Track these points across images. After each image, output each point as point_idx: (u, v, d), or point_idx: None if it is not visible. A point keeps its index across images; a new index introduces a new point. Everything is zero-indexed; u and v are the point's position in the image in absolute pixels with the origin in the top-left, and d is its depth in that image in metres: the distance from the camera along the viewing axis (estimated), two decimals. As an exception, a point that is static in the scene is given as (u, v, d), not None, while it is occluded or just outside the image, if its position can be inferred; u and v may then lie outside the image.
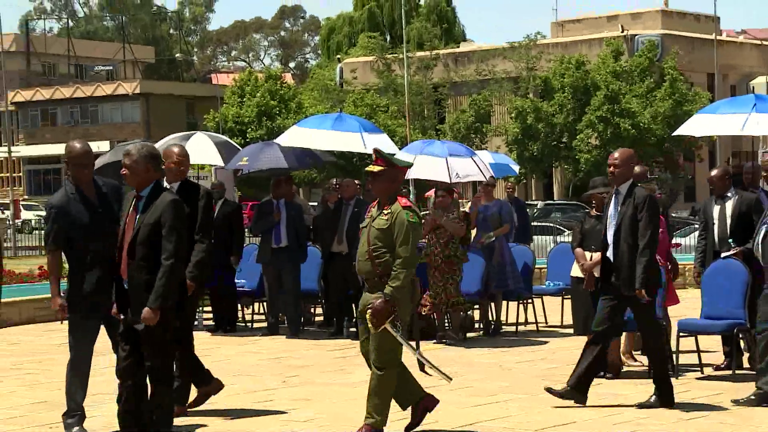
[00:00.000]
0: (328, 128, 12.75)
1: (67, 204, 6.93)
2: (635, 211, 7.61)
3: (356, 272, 7.02)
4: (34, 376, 9.64)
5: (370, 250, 6.69)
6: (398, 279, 6.59)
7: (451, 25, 65.91)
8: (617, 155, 7.79)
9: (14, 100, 63.99)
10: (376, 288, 6.70)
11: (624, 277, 7.63)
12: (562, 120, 42.68)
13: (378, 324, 6.57)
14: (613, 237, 7.70)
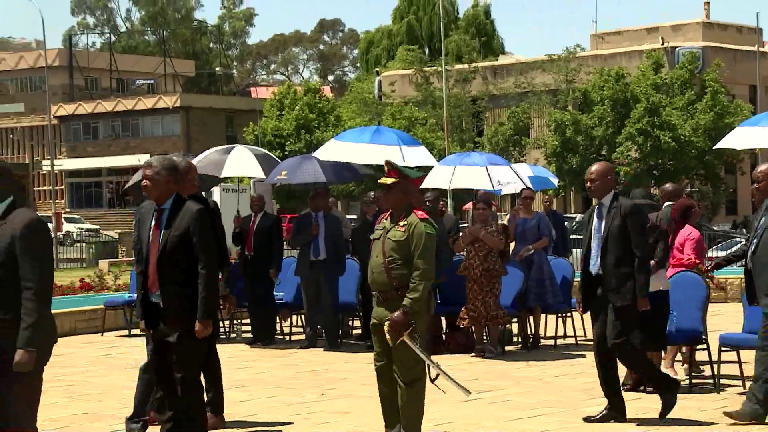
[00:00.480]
0: (366, 141, 12.78)
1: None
2: (623, 221, 7.56)
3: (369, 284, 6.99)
4: (75, 387, 9.72)
5: (386, 262, 6.67)
6: (417, 291, 6.57)
7: (489, 38, 65.90)
8: (593, 169, 7.77)
9: (57, 114, 64.77)
10: (390, 300, 6.68)
11: (614, 288, 7.55)
12: (601, 132, 42.46)
13: (396, 336, 6.56)
14: (600, 249, 7.63)
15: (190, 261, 6.27)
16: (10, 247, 5.04)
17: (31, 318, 4.99)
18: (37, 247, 5.08)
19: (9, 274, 5.04)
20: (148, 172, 6.43)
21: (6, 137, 70.47)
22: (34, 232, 5.09)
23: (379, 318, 6.74)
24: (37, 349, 5.02)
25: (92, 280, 18.00)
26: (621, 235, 7.53)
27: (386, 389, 6.83)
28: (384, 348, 6.76)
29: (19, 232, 5.05)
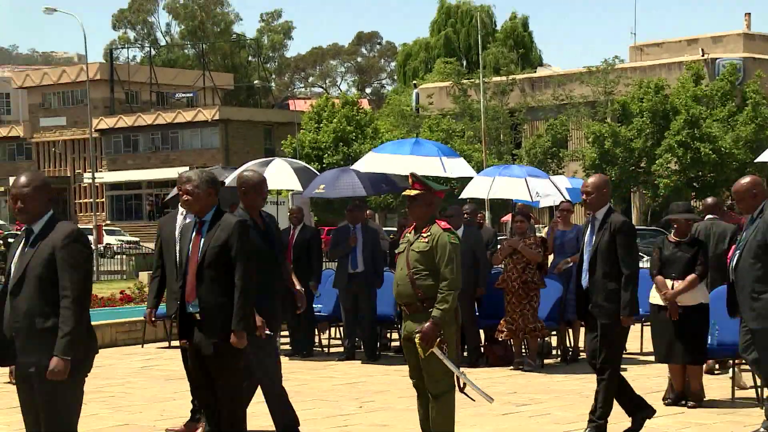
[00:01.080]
0: (407, 153, 12.80)
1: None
2: (612, 237, 7.50)
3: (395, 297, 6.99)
4: (116, 399, 9.79)
5: (410, 273, 6.66)
6: (446, 301, 6.55)
7: (528, 50, 65.77)
8: (589, 182, 7.72)
9: (98, 127, 65.47)
10: (417, 312, 6.67)
11: (600, 304, 7.50)
12: (640, 144, 42.19)
13: (427, 348, 6.55)
14: (588, 263, 7.59)
15: (229, 273, 6.31)
16: (51, 258, 5.16)
17: (68, 326, 5.10)
18: (77, 258, 5.20)
19: (50, 284, 5.15)
20: (188, 187, 6.48)
21: (48, 150, 71.32)
22: (74, 242, 5.22)
23: (409, 332, 6.74)
24: (74, 359, 5.09)
25: (132, 291, 18.14)
26: (609, 250, 7.48)
27: (423, 404, 6.83)
28: (415, 363, 6.76)
29: (59, 243, 5.18)
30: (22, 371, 5.19)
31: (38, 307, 5.14)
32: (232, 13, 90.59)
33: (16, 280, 5.19)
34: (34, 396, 5.19)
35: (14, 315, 5.16)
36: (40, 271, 5.15)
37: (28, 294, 5.15)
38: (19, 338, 5.15)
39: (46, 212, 5.34)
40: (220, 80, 76.20)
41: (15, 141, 72.71)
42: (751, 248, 7.17)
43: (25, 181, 5.36)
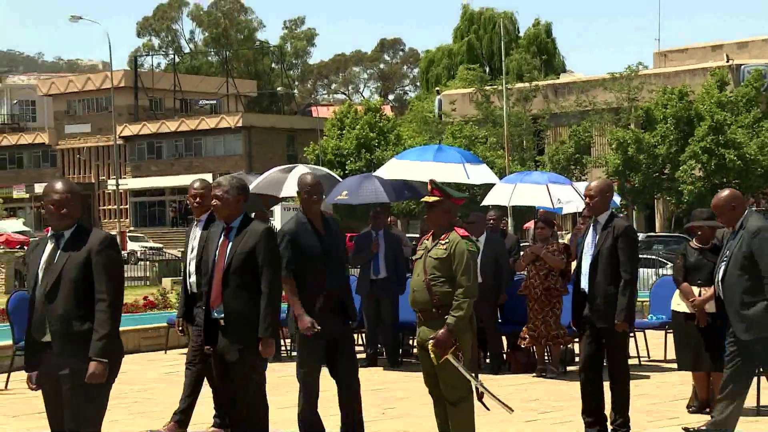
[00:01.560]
0: (430, 159, 12.79)
1: (297, 233, 7.24)
2: (614, 242, 7.48)
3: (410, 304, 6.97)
4: (139, 405, 9.82)
5: (427, 279, 6.66)
6: (461, 309, 6.54)
7: (551, 57, 65.65)
8: (593, 186, 7.72)
9: (122, 134, 65.85)
10: (432, 319, 6.66)
11: (600, 309, 7.48)
12: (664, 151, 42.01)
13: (441, 355, 6.54)
14: (589, 268, 7.57)
15: (255, 280, 6.32)
16: (86, 262, 5.23)
17: (104, 329, 5.17)
18: (113, 263, 5.31)
19: (85, 288, 5.22)
20: (217, 192, 6.50)
21: (73, 157, 71.78)
22: (110, 248, 5.31)
23: (423, 339, 6.73)
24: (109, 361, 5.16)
25: (156, 298, 18.19)
26: (611, 255, 7.48)
27: (441, 412, 6.82)
28: (430, 370, 6.74)
29: (96, 247, 5.26)
30: (53, 373, 5.22)
31: (74, 310, 5.20)
32: (256, 21, 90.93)
33: (51, 285, 5.23)
34: (61, 398, 5.21)
35: (49, 318, 5.21)
36: (76, 275, 5.22)
37: (63, 298, 5.21)
38: (55, 341, 5.20)
39: (75, 218, 5.43)
40: (244, 87, 76.48)
41: (40, 148, 73.23)
42: (737, 260, 7.15)
43: (64, 187, 5.43)
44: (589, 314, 7.58)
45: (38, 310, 5.28)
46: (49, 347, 5.23)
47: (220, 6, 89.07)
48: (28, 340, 5.33)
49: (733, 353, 7.22)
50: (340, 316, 7.33)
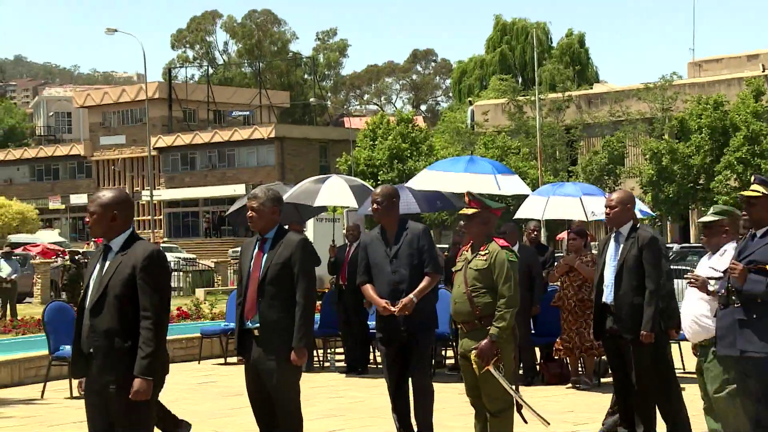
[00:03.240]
0: (461, 171, 12.77)
1: (369, 243, 7.74)
2: (639, 252, 7.46)
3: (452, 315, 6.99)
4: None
5: (468, 291, 6.67)
6: (504, 319, 6.55)
7: (584, 67, 65.47)
8: (614, 197, 7.75)
9: (156, 145, 66.34)
10: (473, 331, 6.66)
11: (625, 320, 7.45)
12: (699, 161, 41.72)
13: (483, 365, 6.53)
14: (614, 278, 7.54)
15: (290, 290, 6.34)
16: (131, 278, 5.16)
17: (149, 347, 5.11)
18: (158, 279, 5.20)
19: (129, 304, 5.16)
20: (254, 204, 6.54)
21: (108, 168, 72.38)
22: (155, 263, 5.21)
23: (465, 349, 6.72)
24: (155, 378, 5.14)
25: (189, 308, 18.29)
26: (636, 265, 7.47)
27: (480, 422, 6.83)
28: (472, 381, 6.74)
29: (140, 263, 5.17)
30: (98, 388, 5.21)
31: (118, 326, 5.13)
32: (289, 32, 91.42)
33: (96, 299, 5.18)
34: (106, 412, 5.21)
35: (94, 333, 5.17)
36: (120, 291, 5.14)
37: (108, 313, 5.14)
38: (98, 356, 5.17)
39: (124, 229, 5.33)
40: (277, 98, 76.84)
41: (76, 159, 73.93)
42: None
43: (101, 198, 5.35)
44: (613, 326, 7.55)
45: (84, 323, 5.26)
46: (92, 359, 5.22)
47: (254, 18, 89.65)
48: (74, 348, 5.31)
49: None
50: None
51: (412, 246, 7.61)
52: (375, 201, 7.74)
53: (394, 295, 7.57)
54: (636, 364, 7.50)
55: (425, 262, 7.62)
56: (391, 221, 7.72)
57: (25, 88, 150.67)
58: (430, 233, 7.83)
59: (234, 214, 15.39)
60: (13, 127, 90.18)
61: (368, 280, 7.76)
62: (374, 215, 7.80)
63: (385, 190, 7.83)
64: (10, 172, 75.87)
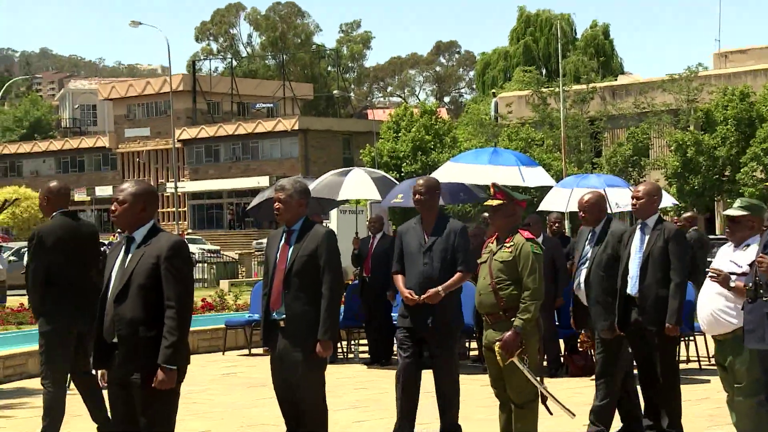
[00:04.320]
0: (485, 163, 12.76)
1: (406, 232, 7.75)
2: (665, 244, 7.44)
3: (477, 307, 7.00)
4: (198, 406, 9.91)
5: (493, 283, 6.67)
6: (528, 311, 6.55)
7: (608, 58, 65.12)
8: (640, 189, 7.74)
9: (180, 137, 66.55)
10: (498, 323, 6.66)
11: (650, 312, 7.43)
12: (724, 153, 41.45)
13: (507, 357, 6.53)
14: (639, 270, 7.51)
15: (316, 283, 6.36)
16: (155, 268, 5.19)
17: (173, 337, 5.14)
18: (182, 269, 5.24)
19: (153, 294, 5.19)
20: (281, 195, 6.56)
21: (133, 160, 72.73)
22: (179, 253, 5.25)
23: (489, 341, 6.73)
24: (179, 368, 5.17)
25: (214, 300, 18.37)
26: (662, 257, 7.45)
27: (504, 414, 6.84)
28: (497, 373, 6.75)
29: (165, 253, 5.20)
30: (122, 377, 5.25)
31: (142, 316, 5.16)
32: (312, 24, 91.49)
33: (120, 289, 5.22)
34: (130, 402, 5.25)
35: (118, 323, 5.20)
36: (144, 281, 5.17)
37: (131, 303, 5.18)
38: (122, 346, 5.20)
39: (147, 221, 5.36)
40: (300, 90, 76.91)
41: (101, 151, 74.33)
42: (601, 262, 7.73)
43: (127, 189, 5.38)
44: (638, 318, 7.53)
45: (108, 313, 5.29)
46: (116, 349, 5.25)
47: (277, 10, 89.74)
48: (97, 340, 5.34)
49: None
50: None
51: (448, 241, 7.61)
52: (418, 192, 7.73)
53: (423, 287, 7.57)
54: (661, 356, 7.49)
55: (459, 259, 7.61)
56: (431, 213, 7.72)
57: (50, 80, 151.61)
58: (467, 232, 7.83)
59: (255, 209, 15.43)
60: (39, 120, 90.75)
61: (401, 270, 7.76)
62: (416, 206, 7.79)
63: (428, 181, 7.84)
64: (37, 164, 76.39)
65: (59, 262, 7.37)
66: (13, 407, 9.68)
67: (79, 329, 7.40)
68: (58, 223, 7.48)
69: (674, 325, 7.39)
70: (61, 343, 7.40)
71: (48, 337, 7.43)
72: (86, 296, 7.43)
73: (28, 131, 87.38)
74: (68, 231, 7.44)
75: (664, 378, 7.50)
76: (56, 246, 7.36)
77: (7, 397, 10.44)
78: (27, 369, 11.82)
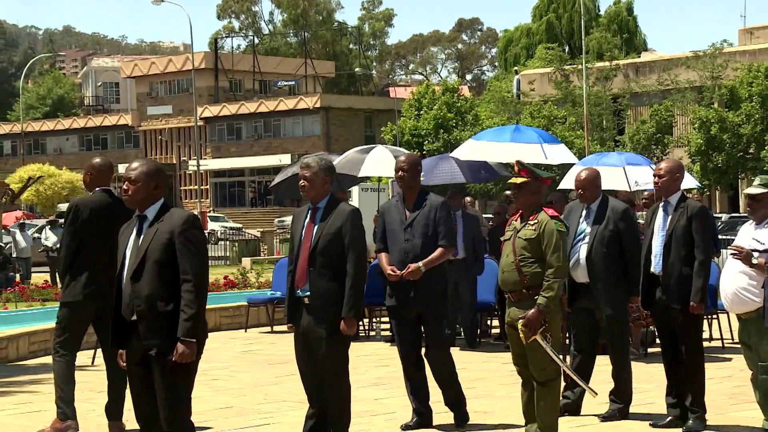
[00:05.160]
0: (507, 140, 12.72)
1: (387, 210, 7.74)
2: (688, 222, 7.39)
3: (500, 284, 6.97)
4: (219, 382, 9.97)
5: (516, 260, 6.65)
6: (551, 289, 6.54)
7: (632, 35, 64.64)
8: (663, 166, 7.65)
9: (203, 115, 66.66)
10: (521, 300, 6.65)
11: (674, 290, 7.39)
12: (749, 130, 41.12)
13: (530, 335, 6.53)
14: (662, 248, 7.47)
15: (341, 260, 6.39)
16: (169, 243, 5.23)
17: (191, 310, 5.19)
18: (196, 242, 5.29)
19: (169, 269, 5.23)
20: (306, 173, 6.55)
21: (155, 138, 72.95)
22: (193, 227, 5.29)
23: (513, 319, 6.72)
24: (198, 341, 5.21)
25: (236, 277, 18.45)
26: (685, 235, 7.40)
27: (527, 391, 6.85)
28: (519, 350, 6.75)
29: (178, 228, 5.25)
30: (140, 356, 5.29)
31: (159, 291, 5.21)
32: (334, 2, 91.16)
33: (136, 266, 5.26)
34: (150, 379, 5.29)
35: (136, 300, 5.24)
36: (159, 256, 5.22)
37: (148, 278, 5.22)
38: (141, 321, 5.24)
39: (158, 198, 5.40)
40: (322, 68, 76.81)
41: (123, 129, 74.58)
42: (603, 239, 7.76)
43: (137, 168, 5.42)
44: (662, 296, 7.51)
45: (125, 291, 5.32)
46: (135, 327, 5.29)
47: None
48: (115, 318, 5.39)
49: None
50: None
51: (429, 217, 7.52)
52: (401, 168, 7.62)
53: (405, 263, 7.47)
54: (685, 335, 7.46)
55: (440, 234, 7.50)
56: (412, 190, 7.61)
57: (73, 58, 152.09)
58: (449, 207, 7.76)
59: (276, 187, 15.45)
60: (62, 97, 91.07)
61: (384, 248, 7.65)
62: (398, 182, 7.70)
63: (410, 158, 7.76)
64: (60, 142, 76.76)
65: (90, 237, 7.42)
66: (39, 382, 9.77)
67: (100, 306, 7.44)
68: (96, 198, 7.55)
69: (698, 303, 7.36)
70: (77, 316, 7.46)
71: (67, 307, 7.49)
72: (113, 274, 7.48)
73: (51, 109, 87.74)
74: (103, 208, 7.49)
75: (689, 356, 7.49)
76: (90, 220, 7.42)
77: (33, 372, 10.54)
78: (51, 345, 11.90)
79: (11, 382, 10.03)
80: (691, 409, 7.47)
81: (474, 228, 12.24)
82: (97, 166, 7.72)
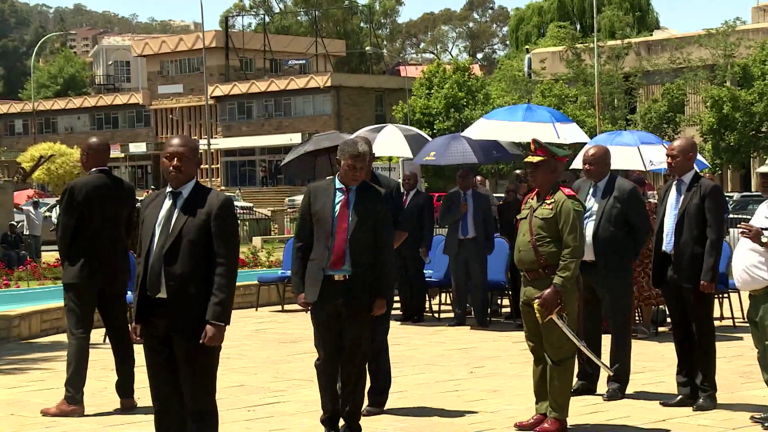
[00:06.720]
0: (519, 119, 12.67)
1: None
2: (701, 201, 7.36)
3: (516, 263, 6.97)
4: (231, 361, 9.99)
5: (533, 239, 6.65)
6: (568, 269, 6.54)
7: (644, 13, 64.25)
8: (675, 145, 7.61)
9: (213, 94, 66.64)
10: (538, 280, 6.66)
11: (685, 269, 7.37)
12: (761, 109, 40.92)
13: (546, 314, 6.53)
14: (674, 227, 7.44)
15: (375, 238, 6.46)
16: (205, 224, 5.19)
17: (222, 293, 5.17)
18: (232, 227, 5.27)
19: (203, 250, 5.19)
20: (358, 164, 6.50)
21: (166, 117, 72.99)
22: (229, 211, 5.27)
23: (528, 297, 6.73)
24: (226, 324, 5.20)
25: (246, 256, 18.45)
26: (698, 214, 7.37)
27: (538, 368, 6.86)
28: (534, 328, 6.75)
29: (216, 211, 5.20)
30: (163, 333, 5.25)
31: (191, 271, 5.17)
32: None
33: (170, 245, 5.19)
34: (171, 357, 5.26)
35: (168, 278, 5.18)
36: (195, 237, 5.16)
37: (182, 259, 5.16)
38: (170, 301, 5.19)
39: (191, 178, 5.31)
40: (333, 47, 76.63)
41: (134, 108, 74.61)
42: (611, 217, 7.76)
43: (181, 142, 5.32)
44: (674, 275, 7.50)
45: (154, 268, 5.24)
46: (162, 304, 5.23)
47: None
48: (141, 293, 5.29)
49: None
50: None
51: None
52: None
53: None
54: (696, 314, 7.46)
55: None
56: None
57: (84, 37, 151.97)
58: (400, 188, 7.73)
59: (287, 166, 15.42)
60: (74, 76, 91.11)
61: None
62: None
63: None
64: (71, 121, 76.85)
65: (87, 219, 7.41)
66: (51, 360, 9.83)
67: (101, 286, 7.46)
68: (92, 179, 7.51)
69: (710, 282, 7.35)
70: (79, 298, 7.47)
71: (68, 289, 7.51)
72: (113, 254, 7.50)
73: (62, 88, 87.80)
74: (101, 187, 7.47)
75: (700, 335, 7.49)
76: (87, 201, 7.39)
77: (46, 350, 10.60)
78: (63, 323, 11.96)
79: (24, 359, 10.10)
80: (702, 387, 7.48)
81: (485, 207, 12.25)
82: (94, 146, 7.66)
